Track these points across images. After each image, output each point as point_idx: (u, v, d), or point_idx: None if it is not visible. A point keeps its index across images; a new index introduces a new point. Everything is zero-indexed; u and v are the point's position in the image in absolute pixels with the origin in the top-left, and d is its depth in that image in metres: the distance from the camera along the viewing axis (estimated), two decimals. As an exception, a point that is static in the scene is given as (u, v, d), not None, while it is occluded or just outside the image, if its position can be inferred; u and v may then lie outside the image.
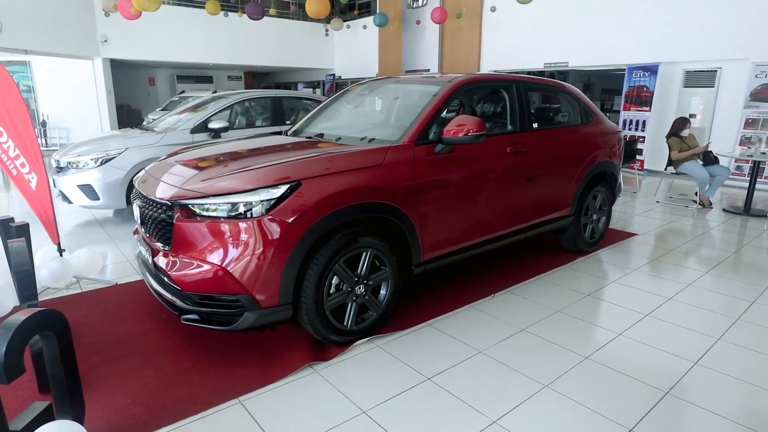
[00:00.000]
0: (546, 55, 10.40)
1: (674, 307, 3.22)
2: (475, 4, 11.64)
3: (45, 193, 3.44)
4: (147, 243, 2.62)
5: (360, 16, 15.92)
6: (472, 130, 2.76)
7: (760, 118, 7.51)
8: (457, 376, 2.39)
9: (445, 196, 2.94)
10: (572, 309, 3.18)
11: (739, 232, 5.17)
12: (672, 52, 8.45)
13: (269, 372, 2.39)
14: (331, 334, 2.55)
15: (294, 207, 2.29)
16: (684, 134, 6.27)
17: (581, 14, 9.60)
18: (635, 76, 8.79)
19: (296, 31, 15.98)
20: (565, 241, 4.23)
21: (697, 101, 8.38)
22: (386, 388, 2.29)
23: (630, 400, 2.21)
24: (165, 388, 2.25)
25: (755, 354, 2.64)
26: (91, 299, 3.25)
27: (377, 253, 2.64)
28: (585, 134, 4.02)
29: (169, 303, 2.49)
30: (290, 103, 6.49)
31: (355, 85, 3.95)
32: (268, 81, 21.34)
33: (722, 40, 7.87)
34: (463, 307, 3.18)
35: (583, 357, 2.59)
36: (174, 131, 5.36)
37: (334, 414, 2.10)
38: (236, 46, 14.76)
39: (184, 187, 2.39)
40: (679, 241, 4.77)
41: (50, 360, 1.81)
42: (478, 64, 12.00)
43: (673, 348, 2.69)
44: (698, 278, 3.75)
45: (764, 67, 7.43)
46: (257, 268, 2.25)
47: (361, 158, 2.60)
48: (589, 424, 2.05)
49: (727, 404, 2.19)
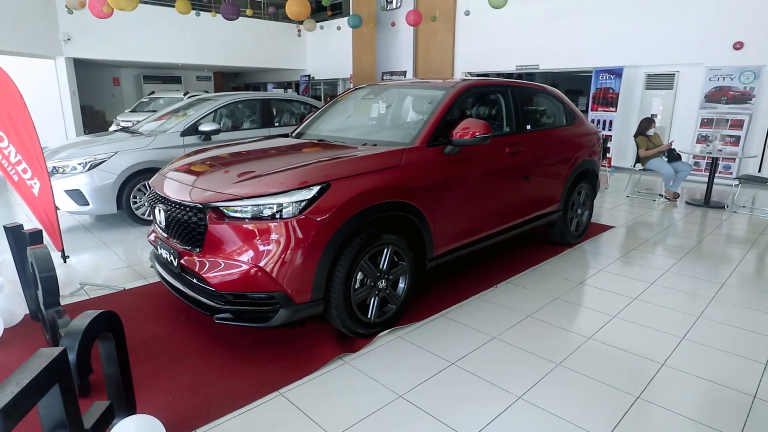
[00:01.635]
0: (518, 58, 10.81)
1: (657, 291, 3.53)
2: (449, 8, 11.93)
3: (48, 199, 3.41)
4: (170, 246, 2.67)
5: (332, 17, 15.97)
6: (479, 132, 2.96)
7: (714, 117, 8.11)
8: (478, 360, 2.58)
9: (455, 194, 3.12)
10: (569, 296, 3.43)
11: (703, 222, 5.61)
12: (635, 57, 8.98)
13: (302, 365, 2.50)
14: (358, 327, 2.68)
15: (325, 207, 2.42)
16: (650, 133, 6.72)
17: (551, 19, 10.04)
18: (602, 79, 9.28)
19: (268, 31, 15.87)
20: (553, 235, 4.51)
21: (657, 102, 8.94)
22: (416, 374, 2.45)
23: (632, 370, 2.46)
24: (203, 386, 2.33)
25: (729, 328, 2.95)
26: (104, 305, 3.25)
27: (396, 249, 2.80)
28: (570, 135, 4.30)
29: (198, 304, 2.56)
30: (277, 105, 6.53)
31: (355, 90, 4.08)
32: (238, 81, 21.05)
33: (679, 46, 8.44)
34: (470, 298, 3.38)
35: (586, 338, 2.83)
36: (164, 134, 5.33)
37: (374, 399, 2.24)
38: (206, 46, 14.53)
39: (217, 190, 2.47)
40: (652, 231, 5.15)
41: (108, 360, 1.87)
42: (451, 67, 12.30)
43: (660, 326, 2.97)
44: (674, 264, 4.10)
45: (717, 71, 8.03)
46: (292, 265, 2.36)
47: (381, 160, 2.75)
48: (599, 390, 2.27)
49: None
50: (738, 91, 7.81)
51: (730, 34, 7.85)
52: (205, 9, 14.23)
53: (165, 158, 5.20)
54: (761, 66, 7.59)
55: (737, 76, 7.80)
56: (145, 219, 5.21)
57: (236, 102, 6.06)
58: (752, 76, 7.65)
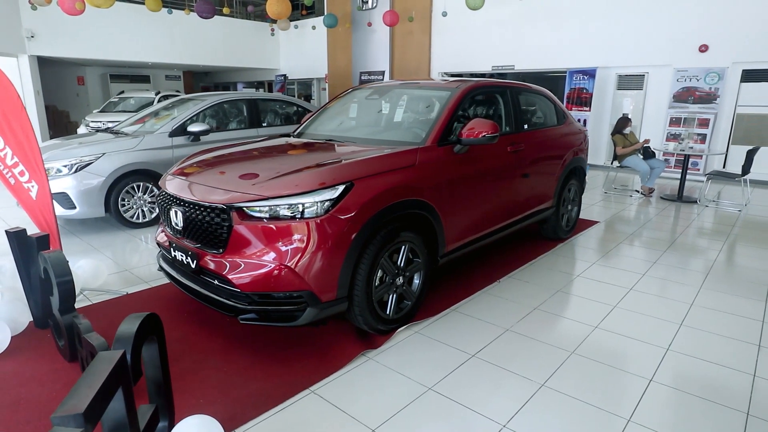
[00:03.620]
0: (494, 58, 11.05)
1: (649, 282, 3.73)
2: (425, 8, 12.07)
3: (47, 202, 3.30)
4: (187, 247, 2.65)
5: (306, 17, 15.87)
6: (487, 132, 3.05)
7: (682, 116, 8.54)
8: (496, 351, 2.67)
9: (463, 191, 3.21)
10: (570, 288, 3.58)
11: (679, 216, 5.92)
12: (607, 58, 9.34)
13: (327, 363, 2.54)
14: (379, 324, 2.73)
15: (350, 206, 2.46)
16: (626, 132, 7.02)
17: (526, 21, 10.32)
18: (575, 79, 9.61)
19: (241, 30, 15.63)
20: (546, 230, 4.67)
21: (628, 102, 9.34)
22: (440, 367, 2.52)
23: (640, 355, 2.61)
24: (232, 387, 2.33)
25: (720, 313, 3.16)
26: (109, 310, 3.18)
27: (412, 246, 2.86)
28: (562, 134, 4.47)
29: (219, 305, 2.55)
30: (265, 105, 6.48)
31: (355, 90, 4.12)
32: (208, 81, 20.62)
33: (648, 49, 8.84)
34: (477, 292, 3.48)
35: (592, 327, 2.98)
36: (152, 135, 5.21)
37: (405, 392, 2.30)
38: (177, 44, 14.19)
39: (242, 190, 2.47)
40: (634, 226, 5.40)
41: (151, 363, 1.86)
42: (428, 67, 12.45)
43: (658, 314, 3.15)
44: (660, 256, 4.32)
45: (684, 72, 8.46)
46: (319, 264, 2.39)
47: (398, 159, 2.81)
48: (614, 375, 2.41)
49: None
50: (704, 92, 8.25)
51: (695, 38, 8.29)
52: (177, 6, 13.89)
53: (154, 159, 5.10)
54: (725, 68, 8.05)
55: (703, 78, 8.24)
56: (134, 222, 5.09)
57: (223, 102, 5.98)
58: (717, 78, 8.10)
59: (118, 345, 1.60)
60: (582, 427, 2.08)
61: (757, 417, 2.16)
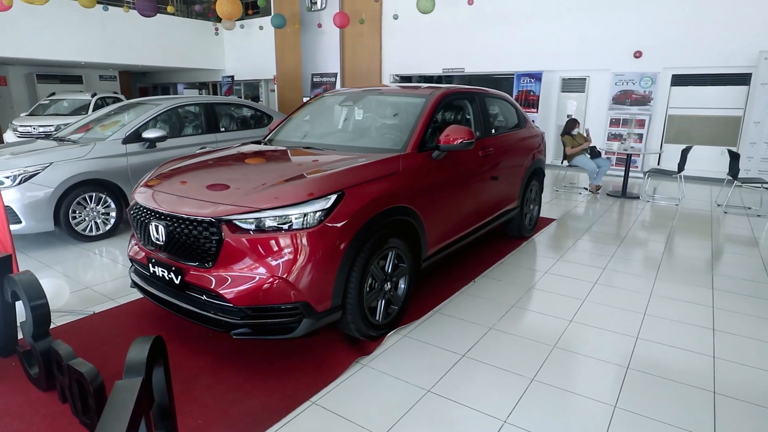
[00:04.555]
0: (444, 61, 11.31)
1: (610, 276, 3.99)
2: (375, 11, 12.14)
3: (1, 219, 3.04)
4: (170, 263, 2.55)
5: (252, 16, 15.49)
6: (464, 138, 3.15)
7: (621, 118, 9.15)
8: (484, 350, 2.78)
9: (442, 196, 3.30)
10: (541, 285, 3.77)
11: (627, 211, 6.36)
12: (552, 62, 9.83)
13: (323, 372, 2.53)
14: (370, 330, 2.76)
15: (342, 215, 2.46)
16: (574, 133, 7.44)
17: (476, 25, 10.64)
18: (523, 82, 10.05)
19: (182, 28, 15.01)
20: (510, 230, 4.87)
21: (572, 104, 9.89)
22: (434, 368, 2.59)
23: (615, 344, 2.80)
24: (231, 404, 2.27)
25: (676, 302, 3.45)
26: (77, 332, 2.98)
27: (398, 251, 2.90)
28: (524, 137, 4.68)
29: (208, 321, 2.48)
30: (222, 109, 6.28)
31: (325, 96, 4.10)
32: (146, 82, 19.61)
33: (589, 54, 9.40)
34: (455, 293, 3.58)
35: (568, 321, 3.16)
36: (103, 142, 4.92)
37: (406, 396, 2.34)
38: (113, 42, 13.41)
39: (231, 202, 2.40)
40: (588, 222, 5.74)
41: (157, 388, 1.78)
42: (379, 69, 12.54)
43: (624, 305, 3.39)
44: (616, 250, 4.63)
45: (621, 76, 9.07)
46: (314, 274, 2.38)
47: (384, 167, 2.84)
48: (595, 366, 2.58)
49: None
50: (639, 95, 8.89)
51: (631, 44, 8.91)
52: (114, 3, 13.11)
53: (106, 168, 4.83)
54: (657, 72, 8.72)
55: (638, 81, 8.88)
56: (86, 235, 4.78)
57: (178, 107, 5.75)
58: (650, 81, 8.75)
59: (130, 372, 1.52)
60: (574, 416, 2.21)
61: (722, 395, 2.39)
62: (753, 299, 3.54)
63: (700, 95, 8.59)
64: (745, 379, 2.53)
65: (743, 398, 2.37)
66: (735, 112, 8.35)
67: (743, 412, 2.26)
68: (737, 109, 8.31)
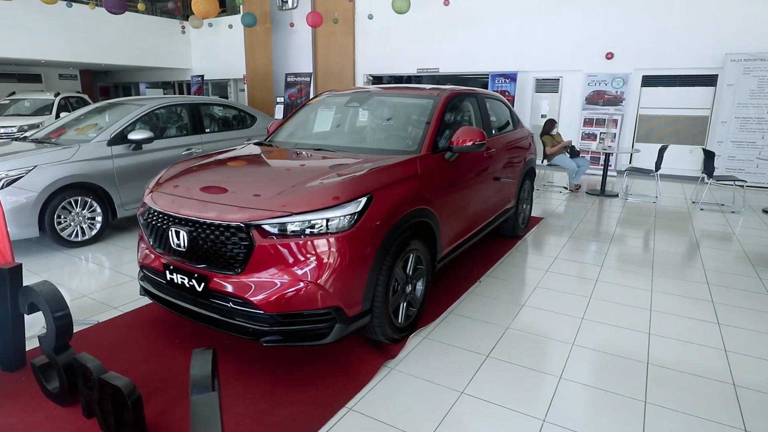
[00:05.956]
0: (419, 61, 11.38)
1: (609, 273, 4.12)
2: (347, 10, 12.08)
3: (0, 225, 2.86)
4: (191, 269, 2.46)
5: (220, 15, 15.09)
6: (477, 140, 3.19)
7: (594, 117, 9.47)
8: (506, 350, 2.82)
9: (454, 197, 3.32)
10: (545, 283, 3.86)
11: (609, 209, 6.59)
12: (526, 63, 10.07)
13: (354, 377, 2.50)
14: (394, 333, 2.75)
15: (372, 217, 2.44)
16: (553, 133, 7.65)
17: (449, 26, 10.76)
18: (498, 82, 10.24)
19: (147, 26, 14.48)
20: (505, 229, 4.95)
21: (546, 104, 10.16)
22: (462, 370, 2.60)
23: (628, 341, 2.90)
24: (265, 414, 2.22)
25: (671, 296, 3.61)
26: (86, 342, 2.83)
27: (418, 253, 2.91)
28: (518, 137, 4.77)
29: (235, 329, 2.41)
30: (206, 110, 6.11)
31: (325, 96, 4.05)
32: (107, 81, 18.80)
33: (562, 55, 9.68)
34: (464, 294, 3.62)
35: (580, 318, 3.24)
36: (88, 144, 4.69)
37: (441, 399, 2.35)
38: (74, 40, 12.79)
39: (261, 207, 2.34)
40: (575, 220, 5.91)
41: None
42: (353, 69, 12.48)
43: (628, 301, 3.52)
44: (609, 248, 4.80)
45: (594, 77, 9.38)
46: (347, 279, 2.35)
47: (404, 169, 2.84)
48: (615, 363, 2.66)
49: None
50: (611, 95, 9.23)
51: (602, 46, 9.24)
52: (79, 0, 12.50)
53: (92, 171, 4.61)
54: (628, 73, 9.07)
55: (610, 82, 9.21)
56: (72, 241, 4.56)
57: (163, 107, 5.54)
58: (621, 82, 9.10)
59: (198, 386, 1.46)
60: (609, 413, 2.28)
61: (742, 387, 2.51)
62: (746, 293, 3.73)
63: (669, 96, 9.00)
64: (760, 370, 2.67)
65: (761, 389, 2.50)
66: (702, 112, 8.79)
67: (763, 402, 2.39)
68: (705, 109, 8.76)
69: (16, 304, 2.48)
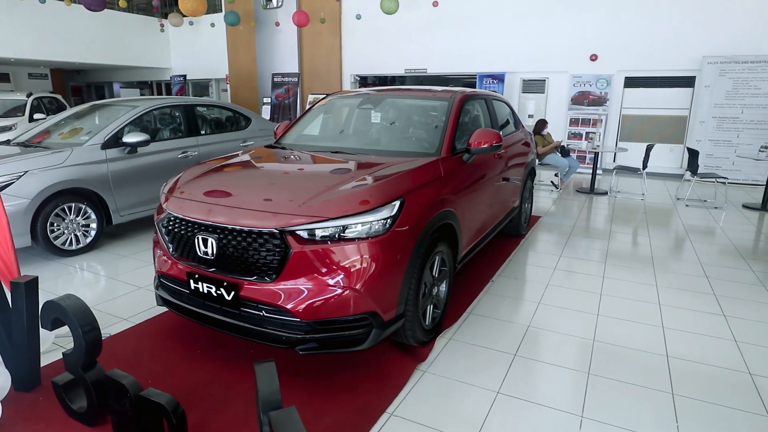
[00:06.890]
0: (406, 62, 11.40)
1: (614, 269, 4.21)
2: (334, 10, 12.00)
3: (6, 237, 2.72)
4: (219, 278, 2.39)
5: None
6: (494, 141, 3.22)
7: (579, 117, 9.68)
8: (531, 349, 2.84)
9: (473, 198, 3.34)
10: (556, 280, 3.91)
11: (601, 207, 6.74)
12: (513, 64, 10.21)
13: (388, 382, 2.48)
14: (423, 336, 2.74)
15: (405, 221, 2.43)
16: (544, 133, 7.77)
17: (437, 27, 10.81)
18: (486, 83, 10.34)
19: (124, 24, 14.06)
20: (509, 228, 4.99)
21: (532, 104, 10.31)
22: (493, 370, 2.62)
23: (646, 339, 2.97)
24: (309, 424, 2.16)
25: (675, 290, 3.72)
26: (103, 356, 2.71)
27: (442, 256, 2.91)
28: (521, 138, 4.83)
29: (267, 338, 2.35)
30: (201, 111, 5.96)
31: (335, 98, 4.01)
32: (79, 80, 18.18)
33: (548, 56, 9.85)
34: (480, 293, 3.64)
35: (595, 315, 3.30)
36: (81, 148, 4.52)
37: (479, 400, 2.35)
38: (46, 38, 12.32)
39: (295, 212, 2.29)
40: (571, 218, 6.02)
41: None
42: (339, 69, 12.41)
43: (638, 296, 3.61)
44: (609, 245, 4.90)
45: (579, 78, 9.58)
46: (383, 283, 2.33)
47: (429, 171, 2.83)
48: (635, 357, 2.72)
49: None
50: (596, 96, 9.45)
51: (587, 48, 9.44)
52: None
53: (86, 176, 4.44)
54: (611, 74, 9.30)
55: (594, 83, 9.42)
56: (66, 249, 4.38)
57: (156, 108, 5.38)
58: (605, 83, 9.32)
59: (268, 402, 1.42)
60: (641, 408, 2.32)
61: (759, 375, 2.60)
62: (743, 285, 3.88)
63: (650, 96, 9.27)
64: (769, 359, 2.78)
65: (775, 377, 2.60)
66: (682, 112, 9.09)
67: (781, 390, 2.48)
68: (684, 109, 9.06)
69: (32, 320, 2.37)
